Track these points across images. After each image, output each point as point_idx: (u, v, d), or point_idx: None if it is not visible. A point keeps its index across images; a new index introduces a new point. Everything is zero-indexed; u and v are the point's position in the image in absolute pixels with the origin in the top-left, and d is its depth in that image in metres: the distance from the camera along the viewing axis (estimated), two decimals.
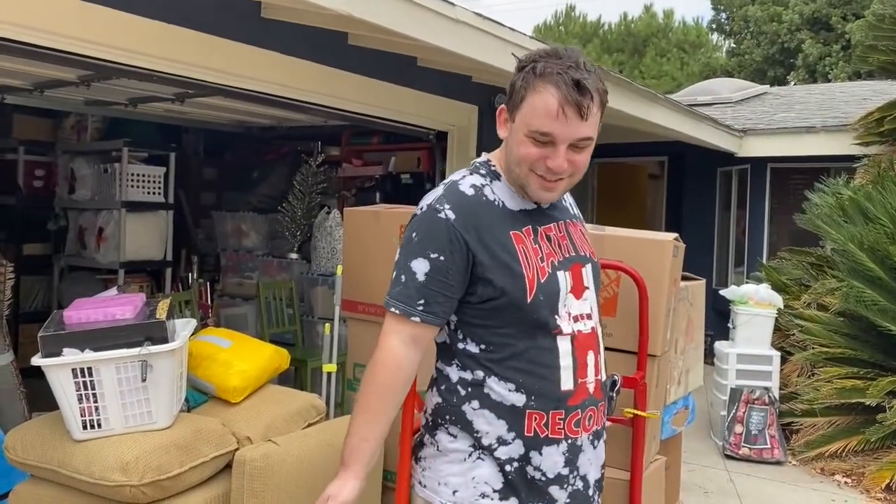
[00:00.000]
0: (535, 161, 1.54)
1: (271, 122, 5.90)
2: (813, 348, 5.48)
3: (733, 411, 5.15)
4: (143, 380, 2.22)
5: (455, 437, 1.61)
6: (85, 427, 2.23)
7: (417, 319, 1.55)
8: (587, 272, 1.68)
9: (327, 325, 3.13)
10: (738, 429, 5.13)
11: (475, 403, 1.58)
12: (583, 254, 1.70)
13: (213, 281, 5.95)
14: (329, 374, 3.15)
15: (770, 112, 8.87)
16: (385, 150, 5.85)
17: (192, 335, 2.52)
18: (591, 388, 1.63)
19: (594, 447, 1.68)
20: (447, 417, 1.62)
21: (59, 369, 2.20)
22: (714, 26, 22.81)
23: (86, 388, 2.21)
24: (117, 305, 2.29)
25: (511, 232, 1.59)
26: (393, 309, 1.57)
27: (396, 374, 1.57)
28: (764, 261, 7.32)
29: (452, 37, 3.46)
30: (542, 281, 1.57)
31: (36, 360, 2.19)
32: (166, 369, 2.28)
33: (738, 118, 8.58)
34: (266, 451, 2.38)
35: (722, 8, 21.41)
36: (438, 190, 1.64)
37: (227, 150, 6.59)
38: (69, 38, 2.81)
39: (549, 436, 1.58)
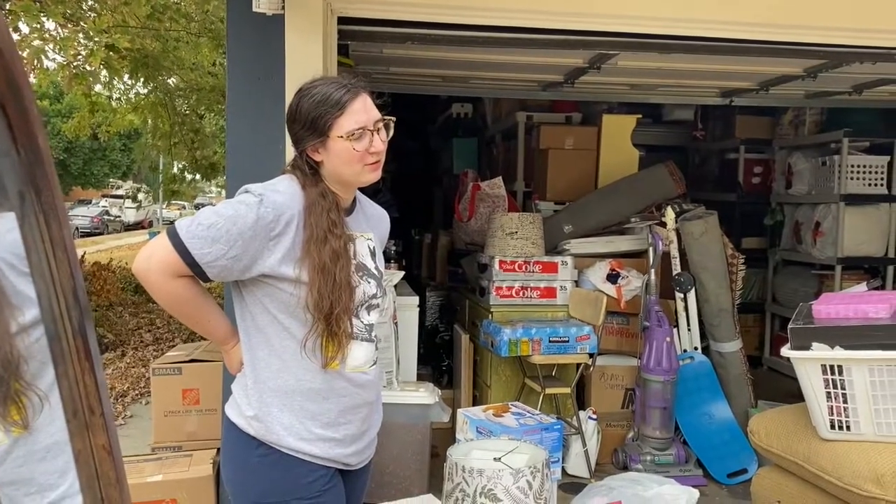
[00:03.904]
0: None
1: None
2: None
3: None
4: None
5: None
6: (832, 427, 2.15)
7: None
8: None
9: None
10: None
11: None
12: None
13: None
14: None
15: None
16: None
17: None
18: None
19: None
20: None
21: (807, 363, 2.16)
22: None
23: (835, 387, 2.13)
24: (870, 303, 2.13)
25: None
26: None
27: None
28: None
29: None
30: None
31: (785, 351, 2.21)
32: None
33: None
34: None
35: None
36: None
37: None
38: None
39: None
